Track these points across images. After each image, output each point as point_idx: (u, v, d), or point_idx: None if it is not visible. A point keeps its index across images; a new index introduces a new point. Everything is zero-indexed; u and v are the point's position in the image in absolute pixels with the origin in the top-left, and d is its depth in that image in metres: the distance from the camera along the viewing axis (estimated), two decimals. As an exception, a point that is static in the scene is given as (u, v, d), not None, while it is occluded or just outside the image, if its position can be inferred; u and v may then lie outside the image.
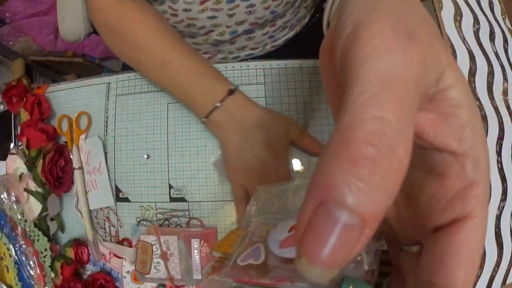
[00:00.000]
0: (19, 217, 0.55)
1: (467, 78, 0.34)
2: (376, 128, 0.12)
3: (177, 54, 0.49)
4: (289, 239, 0.21)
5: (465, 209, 0.15)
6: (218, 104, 0.47)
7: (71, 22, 0.70)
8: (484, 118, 0.34)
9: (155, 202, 0.52)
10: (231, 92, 0.47)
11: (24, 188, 0.55)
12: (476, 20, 0.37)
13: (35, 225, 0.54)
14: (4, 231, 0.56)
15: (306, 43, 0.71)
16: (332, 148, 0.12)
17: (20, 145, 0.58)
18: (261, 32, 0.65)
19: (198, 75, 0.48)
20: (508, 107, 0.36)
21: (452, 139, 0.15)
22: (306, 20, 0.71)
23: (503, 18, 0.41)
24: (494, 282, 0.34)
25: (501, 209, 0.34)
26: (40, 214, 0.54)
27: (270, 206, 0.25)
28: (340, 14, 0.17)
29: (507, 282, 0.35)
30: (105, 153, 0.55)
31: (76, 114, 0.56)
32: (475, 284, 0.33)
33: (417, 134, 0.15)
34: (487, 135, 0.34)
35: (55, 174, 0.54)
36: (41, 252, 0.54)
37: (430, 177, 0.16)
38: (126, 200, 0.54)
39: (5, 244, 0.56)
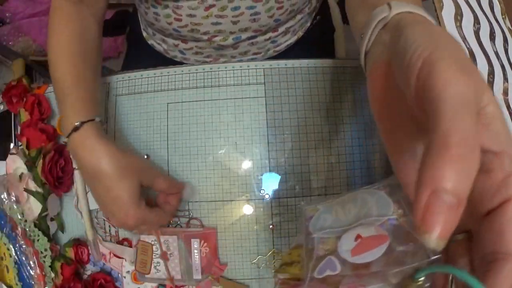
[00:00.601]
0: (19, 217, 0.55)
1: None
2: (464, 135, 0.17)
3: (63, 72, 0.48)
4: (357, 247, 0.24)
5: (509, 193, 0.20)
6: (66, 140, 0.46)
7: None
8: (485, 118, 0.34)
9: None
10: (75, 128, 0.44)
11: (24, 188, 0.55)
12: (476, 20, 0.37)
13: (35, 225, 0.54)
14: (4, 231, 0.56)
15: (307, 46, 0.71)
16: (436, 150, 0.17)
17: (20, 145, 0.58)
18: (264, 38, 0.65)
19: (66, 97, 0.47)
20: (508, 107, 0.36)
21: (492, 142, 0.20)
22: (308, 24, 0.71)
23: (503, 18, 0.41)
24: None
25: (501, 209, 0.34)
26: (40, 214, 0.54)
27: (322, 222, 0.27)
28: (398, 49, 0.24)
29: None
30: (105, 153, 0.55)
31: (76, 114, 0.56)
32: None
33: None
34: (487, 135, 0.34)
35: (55, 174, 0.54)
36: (41, 252, 0.54)
37: (479, 174, 0.19)
38: (126, 200, 0.54)
39: (5, 244, 0.56)
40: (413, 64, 0.21)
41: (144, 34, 0.75)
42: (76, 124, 0.45)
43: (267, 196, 0.50)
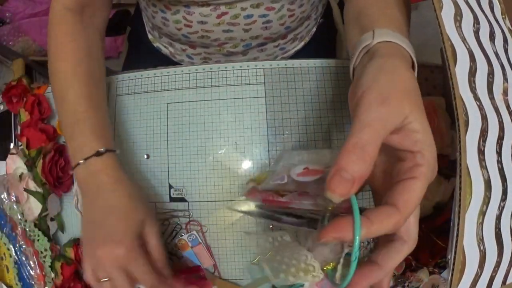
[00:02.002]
0: (19, 217, 0.55)
1: (467, 78, 0.34)
2: (361, 143, 0.28)
3: (76, 94, 0.46)
4: (302, 173, 0.35)
5: (413, 174, 0.29)
6: (81, 161, 0.44)
7: (71, 22, 0.70)
8: (484, 118, 0.34)
9: (155, 202, 0.52)
10: (98, 153, 0.44)
11: (24, 188, 0.55)
12: (476, 20, 0.37)
13: (35, 225, 0.54)
14: (4, 231, 0.56)
15: (313, 50, 0.72)
16: (344, 149, 0.28)
17: (20, 145, 0.58)
18: (273, 45, 0.66)
19: (81, 124, 0.45)
20: (508, 107, 0.36)
21: (410, 146, 0.30)
22: (314, 29, 0.72)
23: (503, 18, 0.41)
24: (494, 282, 0.34)
25: (501, 209, 0.34)
26: (40, 214, 0.54)
27: (291, 158, 0.38)
28: (360, 77, 0.33)
29: (507, 282, 0.35)
30: (105, 153, 0.55)
31: (76, 114, 0.56)
32: (475, 284, 0.33)
33: (391, 144, 0.30)
34: (487, 135, 0.34)
35: (55, 174, 0.54)
36: (41, 252, 0.54)
37: (398, 161, 0.31)
38: (126, 200, 0.54)
39: (5, 244, 0.56)
40: (358, 91, 0.32)
41: (150, 36, 0.74)
42: (100, 150, 0.44)
43: (267, 196, 0.50)
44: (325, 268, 0.31)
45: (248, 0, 0.56)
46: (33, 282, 0.55)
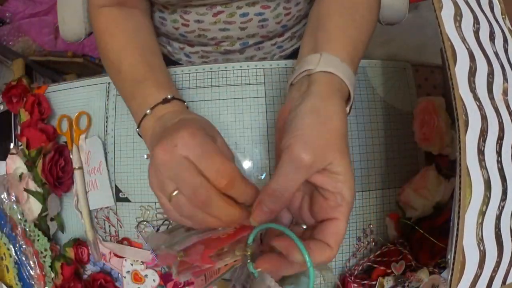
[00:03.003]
0: (19, 217, 0.55)
1: (467, 78, 0.34)
2: (279, 187, 0.33)
3: (131, 63, 0.46)
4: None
5: (334, 215, 0.34)
6: (148, 111, 0.42)
7: (71, 22, 0.70)
8: (484, 118, 0.34)
9: (155, 202, 0.52)
10: (165, 101, 0.42)
11: (24, 188, 0.55)
12: (476, 20, 0.37)
13: (35, 225, 0.54)
14: (4, 231, 0.56)
15: None
16: (265, 191, 0.34)
17: (20, 145, 0.58)
18: (270, 43, 0.66)
19: (141, 84, 0.45)
20: (508, 107, 0.36)
21: (330, 186, 0.34)
22: None
23: (503, 18, 0.41)
24: (494, 282, 0.34)
25: (501, 209, 0.34)
26: (40, 214, 0.54)
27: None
28: (294, 115, 0.36)
29: (507, 282, 0.35)
30: (105, 153, 0.55)
31: (76, 114, 0.56)
32: (475, 284, 0.33)
33: (313, 181, 0.34)
34: (487, 135, 0.34)
35: (55, 174, 0.54)
36: (41, 252, 0.54)
37: (320, 197, 0.35)
38: (126, 200, 0.54)
39: (5, 244, 0.56)
40: (284, 138, 0.35)
41: None
42: (168, 96, 0.42)
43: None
44: None
45: None
46: (33, 282, 0.55)
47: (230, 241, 0.35)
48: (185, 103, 0.45)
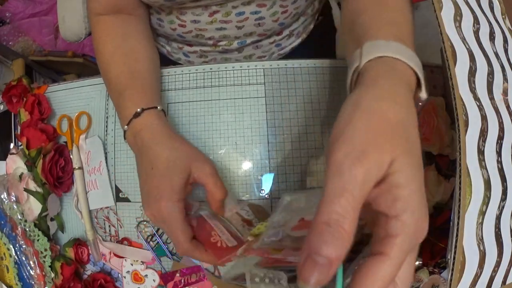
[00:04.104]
0: (19, 217, 0.55)
1: (467, 78, 0.34)
2: (333, 217, 0.23)
3: (115, 74, 0.50)
4: (297, 225, 0.31)
5: (382, 249, 0.24)
6: (125, 128, 0.47)
7: (71, 22, 0.70)
8: (484, 118, 0.34)
9: (155, 202, 0.52)
10: (136, 114, 0.46)
11: (24, 188, 0.55)
12: (476, 20, 0.37)
13: (35, 225, 0.54)
14: (4, 231, 0.56)
15: (311, 48, 0.71)
16: (314, 229, 0.23)
17: (20, 145, 0.58)
18: (268, 41, 0.66)
19: (121, 96, 0.48)
20: (508, 107, 0.36)
21: (385, 204, 0.24)
22: (311, 26, 0.71)
23: (503, 18, 0.41)
24: (494, 282, 0.34)
25: (501, 209, 0.34)
26: (40, 214, 0.54)
27: (291, 206, 0.35)
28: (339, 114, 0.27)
29: (507, 282, 0.35)
30: (105, 153, 0.55)
31: (76, 114, 0.56)
32: (475, 284, 0.33)
33: (369, 201, 0.24)
34: (487, 135, 0.34)
35: (55, 174, 0.54)
36: (41, 252, 0.54)
37: (375, 221, 0.25)
38: (126, 200, 0.54)
39: (5, 244, 0.56)
40: (330, 140, 0.26)
41: None
42: (137, 110, 0.46)
43: (267, 196, 0.50)
44: None
45: None
46: (33, 282, 0.55)
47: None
48: (160, 109, 0.48)
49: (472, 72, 0.34)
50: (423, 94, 0.33)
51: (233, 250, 0.38)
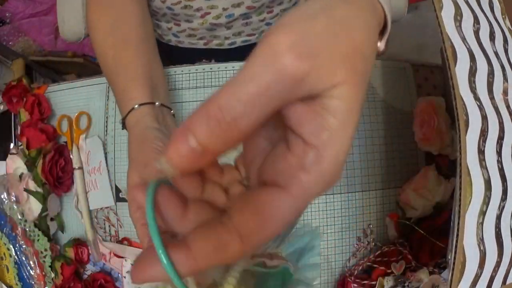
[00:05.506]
0: (19, 217, 0.55)
1: (467, 78, 0.34)
2: (229, 103, 0.17)
3: (106, 64, 0.48)
4: None
5: (286, 182, 0.18)
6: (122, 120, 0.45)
7: (71, 22, 0.71)
8: (484, 118, 0.34)
9: (155, 202, 0.52)
10: (132, 109, 0.44)
11: (24, 188, 0.55)
12: (476, 20, 0.37)
13: (35, 225, 0.54)
14: (4, 231, 0.56)
15: None
16: (205, 103, 0.18)
17: (20, 145, 0.58)
18: (258, 19, 0.65)
19: (121, 95, 0.46)
20: (508, 107, 0.36)
21: (308, 131, 0.18)
22: None
23: (503, 18, 0.41)
24: (494, 282, 0.34)
25: (501, 209, 0.34)
26: (40, 214, 0.54)
27: None
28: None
29: (507, 282, 0.35)
30: (105, 153, 0.55)
31: (76, 114, 0.56)
32: (475, 284, 0.33)
33: (286, 116, 0.19)
34: (487, 135, 0.34)
35: (55, 174, 0.54)
36: (41, 252, 0.54)
37: (283, 149, 0.19)
38: (126, 200, 0.54)
39: (5, 244, 0.56)
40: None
41: None
42: (134, 106, 0.43)
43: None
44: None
45: None
46: (33, 282, 0.55)
47: None
48: (137, 105, 0.44)
49: (472, 72, 0.34)
50: (381, 44, 0.27)
51: None
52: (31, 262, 0.54)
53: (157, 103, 0.44)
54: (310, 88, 0.18)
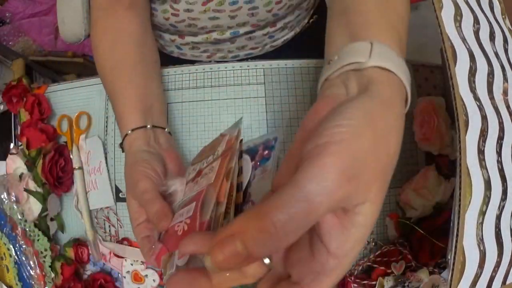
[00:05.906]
0: (19, 217, 0.55)
1: (467, 78, 0.34)
2: (283, 221, 0.19)
3: (107, 85, 0.50)
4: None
5: (309, 285, 0.22)
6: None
7: (71, 23, 0.70)
8: (484, 118, 0.34)
9: (155, 202, 0.52)
10: (126, 135, 0.46)
11: (24, 188, 0.55)
12: (476, 20, 0.37)
13: (35, 225, 0.54)
14: (4, 231, 0.56)
15: (304, 43, 0.71)
16: (256, 211, 0.20)
17: (20, 145, 0.58)
18: (262, 33, 0.65)
19: (118, 120, 0.48)
20: (508, 107, 0.36)
21: (335, 246, 0.22)
22: (305, 21, 0.72)
23: (503, 18, 0.41)
24: (494, 282, 0.34)
25: (501, 209, 0.34)
26: (40, 214, 0.54)
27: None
28: (338, 110, 0.23)
29: (507, 282, 0.35)
30: (105, 153, 0.55)
31: (76, 114, 0.56)
32: (475, 284, 0.33)
33: (319, 225, 0.22)
34: (487, 135, 0.34)
35: (55, 174, 0.54)
36: (41, 252, 0.54)
37: (305, 241, 0.23)
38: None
39: (5, 244, 0.56)
40: (312, 139, 0.22)
41: None
42: (127, 132, 0.46)
43: (267, 196, 0.50)
44: None
45: None
46: (33, 282, 0.55)
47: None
48: (128, 134, 0.46)
49: (472, 72, 0.34)
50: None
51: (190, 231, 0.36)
52: (31, 262, 0.54)
53: (148, 126, 0.46)
54: (347, 204, 0.21)
